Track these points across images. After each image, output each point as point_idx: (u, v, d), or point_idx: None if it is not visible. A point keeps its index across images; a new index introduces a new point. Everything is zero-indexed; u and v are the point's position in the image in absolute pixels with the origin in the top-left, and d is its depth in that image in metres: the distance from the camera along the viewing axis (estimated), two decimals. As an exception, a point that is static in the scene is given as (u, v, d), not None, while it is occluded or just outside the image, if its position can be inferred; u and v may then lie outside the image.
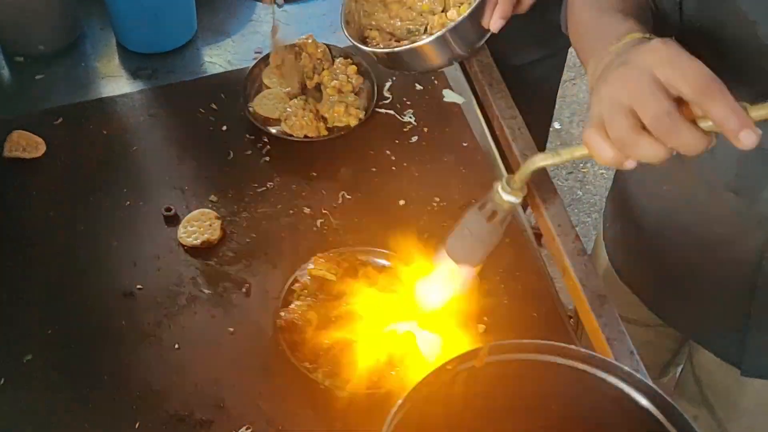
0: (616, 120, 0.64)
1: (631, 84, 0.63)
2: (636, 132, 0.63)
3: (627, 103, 0.63)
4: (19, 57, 1.33)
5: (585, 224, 2.46)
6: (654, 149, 0.63)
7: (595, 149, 0.66)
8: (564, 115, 2.74)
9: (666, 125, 0.61)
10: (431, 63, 1.15)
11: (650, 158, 0.64)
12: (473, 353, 0.74)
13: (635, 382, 0.73)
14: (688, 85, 0.61)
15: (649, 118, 0.62)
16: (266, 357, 0.97)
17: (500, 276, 1.06)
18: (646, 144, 0.63)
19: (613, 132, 0.64)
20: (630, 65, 0.65)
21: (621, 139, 0.64)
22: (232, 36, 1.39)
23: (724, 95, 0.60)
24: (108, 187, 1.15)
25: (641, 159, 0.64)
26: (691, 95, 0.61)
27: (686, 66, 0.62)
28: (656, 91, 0.62)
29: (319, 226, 1.11)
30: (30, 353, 0.97)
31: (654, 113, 0.61)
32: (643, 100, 0.62)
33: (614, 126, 0.64)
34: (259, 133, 1.21)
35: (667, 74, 0.62)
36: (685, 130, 0.61)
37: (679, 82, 0.61)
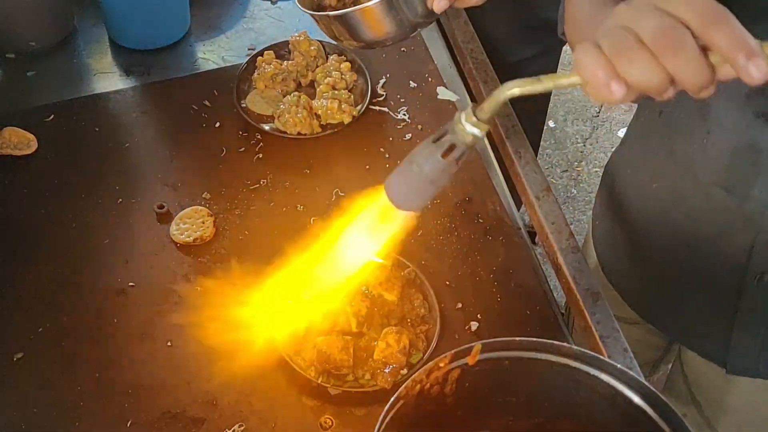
0: (613, 33, 0.56)
1: (633, 10, 0.57)
2: (635, 42, 0.55)
3: (627, 23, 0.56)
4: (10, 53, 1.32)
5: (579, 222, 2.46)
6: (651, 67, 0.55)
7: (585, 59, 0.57)
8: (558, 113, 2.74)
9: (669, 38, 0.54)
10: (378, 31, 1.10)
11: (644, 78, 0.55)
12: (466, 351, 0.74)
13: (628, 379, 0.73)
14: (693, 11, 0.54)
15: (652, 30, 0.55)
16: (259, 355, 0.97)
17: (493, 274, 1.06)
18: (643, 58, 0.55)
19: (608, 42, 0.56)
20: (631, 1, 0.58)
21: (616, 48, 0.56)
22: (226, 32, 1.39)
23: (732, 23, 0.54)
24: (100, 184, 1.14)
25: (633, 78, 0.56)
26: (696, 22, 0.54)
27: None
28: (658, 12, 0.55)
29: (313, 223, 1.11)
30: (21, 351, 0.97)
31: (658, 25, 0.54)
32: (644, 18, 0.55)
33: (610, 38, 0.56)
34: (253, 130, 1.20)
35: (674, 4, 0.55)
36: (690, 49, 0.54)
37: (683, 9, 0.55)
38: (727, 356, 1.07)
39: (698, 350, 1.14)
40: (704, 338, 1.11)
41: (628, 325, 1.22)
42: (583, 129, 2.72)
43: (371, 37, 1.10)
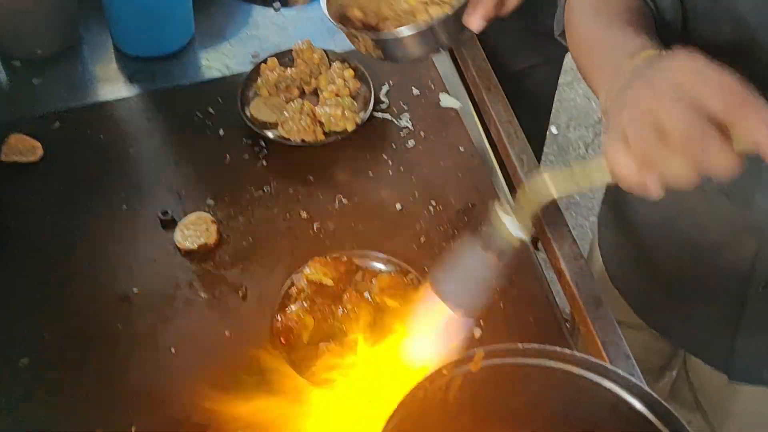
0: (642, 134, 0.57)
1: (656, 96, 0.57)
2: (663, 146, 0.56)
3: (654, 118, 0.57)
4: (16, 61, 1.33)
5: (582, 228, 2.46)
6: (682, 167, 0.56)
7: (618, 166, 0.59)
8: (561, 119, 2.75)
9: (697, 141, 0.55)
10: (410, 53, 1.13)
11: (676, 178, 0.57)
12: (469, 357, 0.74)
13: (630, 386, 0.74)
14: (719, 100, 0.55)
15: (678, 132, 0.55)
16: (263, 361, 0.97)
17: (496, 280, 1.06)
18: (673, 161, 0.56)
19: (638, 145, 0.58)
20: (654, 81, 0.59)
21: (647, 153, 0.57)
22: (230, 40, 1.39)
23: (757, 108, 0.55)
24: (105, 191, 1.15)
25: (667, 178, 0.58)
26: (722, 112, 0.55)
27: (716, 79, 0.56)
28: (685, 105, 0.56)
29: (316, 230, 1.11)
30: (26, 357, 0.97)
31: (683, 126, 0.55)
32: (671, 115, 0.56)
33: (639, 140, 0.58)
34: (256, 138, 1.21)
35: (695, 89, 0.56)
36: (717, 149, 0.55)
37: (708, 98, 0.55)
38: (730, 364, 1.07)
39: (702, 357, 1.14)
40: (708, 345, 1.11)
41: (634, 330, 1.23)
42: (586, 135, 2.72)
43: (403, 56, 1.13)
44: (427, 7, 1.12)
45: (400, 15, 1.14)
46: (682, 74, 0.58)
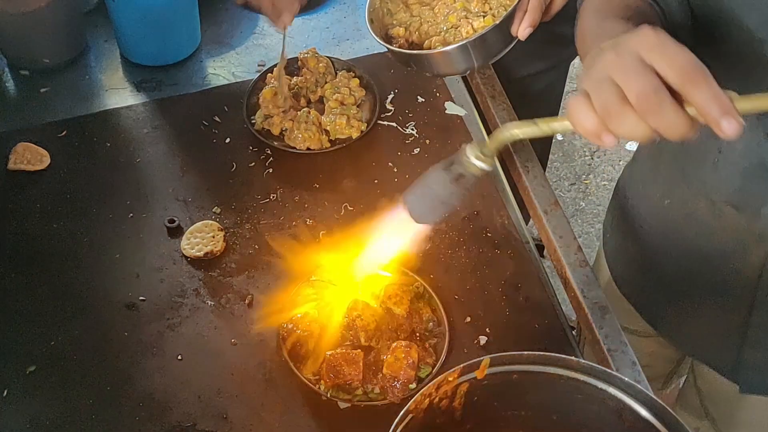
0: (602, 89, 0.62)
1: (618, 62, 0.62)
2: (621, 102, 0.61)
3: (613, 77, 0.62)
4: (24, 70, 1.34)
5: (588, 235, 2.46)
6: (636, 124, 0.61)
7: (578, 116, 0.64)
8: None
9: (651, 101, 0.60)
10: (451, 68, 1.15)
11: (632, 134, 0.62)
12: (475, 365, 0.75)
13: (636, 393, 0.74)
14: (673, 69, 0.60)
15: (635, 93, 0.60)
16: (269, 368, 0.98)
17: (502, 287, 1.06)
18: (630, 117, 0.61)
19: (598, 100, 0.63)
20: (619, 48, 0.64)
21: (606, 107, 0.62)
22: (236, 48, 1.40)
23: (708, 81, 0.59)
24: (111, 199, 1.15)
25: (622, 133, 0.63)
26: (675, 79, 0.60)
27: (673, 51, 0.61)
28: (643, 69, 0.61)
29: (322, 237, 1.11)
30: (33, 364, 0.98)
31: (640, 88, 0.60)
32: (630, 76, 0.61)
33: (600, 95, 0.63)
34: (262, 146, 1.22)
35: (653, 57, 0.61)
36: (669, 110, 0.60)
37: (665, 66, 0.60)
38: (739, 373, 1.07)
39: (711, 365, 1.13)
40: (716, 354, 1.11)
41: (642, 338, 1.22)
42: (591, 142, 2.72)
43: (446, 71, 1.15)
44: (470, 21, 1.13)
45: (442, 31, 1.15)
46: (645, 44, 0.62)
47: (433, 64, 1.14)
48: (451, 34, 1.14)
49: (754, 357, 1.04)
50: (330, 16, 1.47)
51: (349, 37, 1.43)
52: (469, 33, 1.12)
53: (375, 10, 1.17)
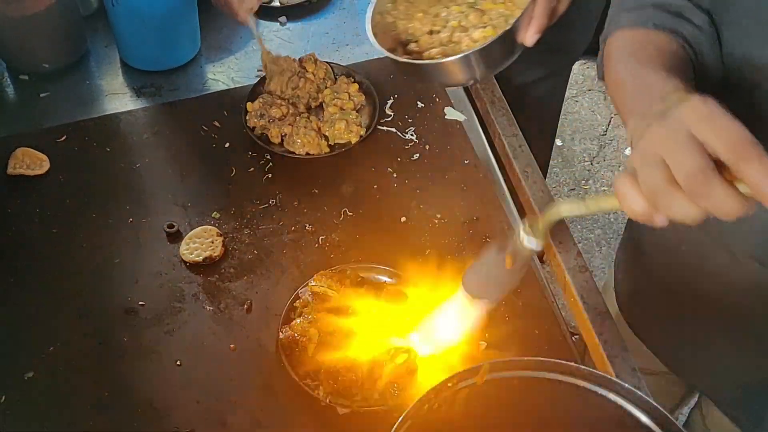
0: (649, 171, 0.61)
1: (667, 138, 0.60)
2: (669, 186, 0.59)
3: (661, 156, 0.60)
4: (24, 75, 1.34)
5: (587, 241, 2.46)
6: (686, 207, 0.59)
7: (626, 199, 0.63)
8: (566, 132, 2.75)
9: (699, 183, 0.57)
10: (453, 79, 1.15)
11: (682, 216, 0.60)
12: (474, 370, 0.74)
13: (636, 399, 0.73)
14: (724, 144, 0.57)
15: (683, 174, 0.58)
16: (268, 374, 0.98)
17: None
18: (678, 200, 0.59)
19: (646, 183, 0.61)
20: (667, 121, 0.62)
21: (653, 191, 0.60)
22: (236, 53, 1.40)
23: (761, 157, 0.56)
24: (111, 204, 1.15)
25: (672, 215, 0.61)
26: (727, 155, 0.57)
27: (724, 125, 0.58)
28: (691, 147, 0.58)
29: (321, 242, 1.11)
30: (31, 370, 0.97)
31: (688, 169, 0.58)
32: (678, 155, 0.59)
33: (647, 177, 0.61)
34: (262, 151, 1.22)
35: (703, 132, 0.59)
36: (719, 191, 0.57)
37: (715, 141, 0.58)
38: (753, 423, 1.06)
39: (725, 410, 1.12)
40: (732, 398, 1.09)
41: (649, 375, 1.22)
42: (591, 147, 2.72)
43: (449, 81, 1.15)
44: (469, 33, 1.13)
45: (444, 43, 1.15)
46: (693, 117, 0.60)
47: (439, 74, 1.13)
48: (450, 48, 1.14)
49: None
50: (329, 21, 1.47)
51: (349, 43, 1.43)
52: (469, 45, 1.12)
53: (377, 23, 1.17)
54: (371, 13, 1.16)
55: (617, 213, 2.52)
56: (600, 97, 2.87)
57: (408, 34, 1.18)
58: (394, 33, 1.18)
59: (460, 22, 1.14)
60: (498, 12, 1.14)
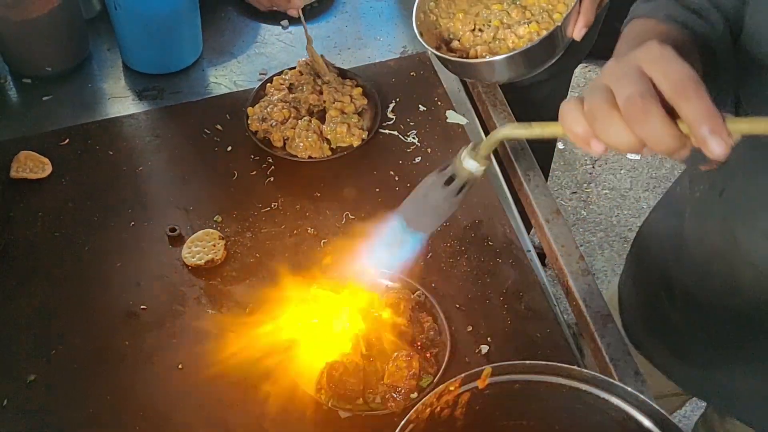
0: (594, 94, 0.61)
1: (616, 69, 0.61)
2: (609, 108, 0.60)
3: (607, 83, 0.61)
4: (26, 78, 1.34)
5: (590, 244, 2.46)
6: (622, 132, 0.59)
7: (567, 118, 0.63)
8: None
9: (638, 108, 0.58)
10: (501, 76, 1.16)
11: (618, 142, 0.60)
12: (476, 374, 0.74)
13: (639, 403, 0.73)
14: (668, 81, 0.58)
15: (623, 97, 0.59)
16: (269, 377, 0.97)
17: (503, 296, 1.06)
18: (615, 124, 0.59)
19: (588, 105, 0.62)
20: (625, 58, 0.62)
21: (593, 111, 0.61)
22: (238, 57, 1.40)
23: (701, 96, 0.57)
24: (113, 207, 1.15)
25: (608, 140, 0.61)
26: (670, 92, 0.58)
27: (673, 65, 0.59)
28: (637, 77, 0.59)
29: (323, 246, 1.11)
30: (33, 374, 0.97)
31: (628, 93, 0.59)
32: (622, 81, 0.60)
33: (590, 100, 0.61)
34: (264, 154, 1.22)
35: (652, 69, 0.59)
36: (656, 119, 0.57)
37: (662, 78, 0.59)
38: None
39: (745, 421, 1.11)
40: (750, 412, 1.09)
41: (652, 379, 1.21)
42: (593, 151, 2.72)
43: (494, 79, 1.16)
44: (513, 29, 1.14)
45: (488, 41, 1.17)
46: (645, 56, 0.61)
47: (488, 71, 1.15)
48: (495, 45, 1.15)
49: None
50: (331, 25, 1.47)
51: (351, 46, 1.43)
52: (515, 42, 1.13)
53: (421, 23, 1.18)
54: (416, 12, 1.17)
55: (619, 216, 2.52)
56: (602, 100, 2.86)
57: (450, 32, 1.19)
58: (437, 31, 1.19)
59: (503, 20, 1.15)
60: (540, 7, 1.15)
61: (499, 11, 1.16)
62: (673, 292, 1.09)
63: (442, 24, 1.20)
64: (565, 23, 1.09)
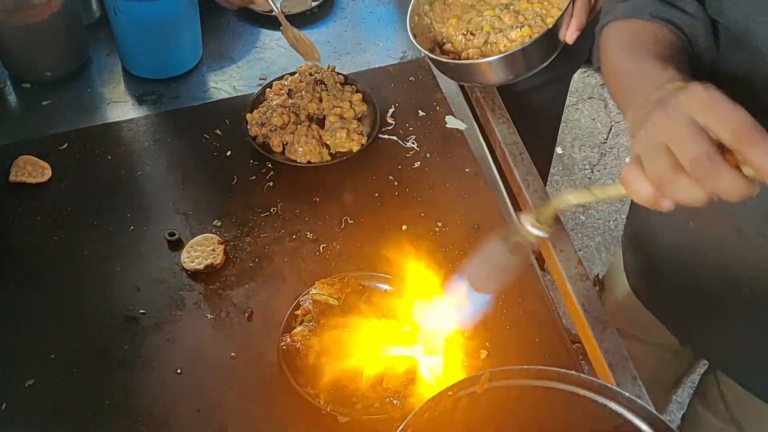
0: (655, 157, 0.62)
1: (669, 125, 0.61)
2: (674, 171, 0.60)
3: (665, 142, 0.61)
4: (26, 83, 1.34)
5: (588, 249, 2.46)
6: (692, 191, 0.60)
7: (632, 185, 0.64)
8: (566, 140, 2.75)
9: (705, 168, 0.59)
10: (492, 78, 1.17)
11: (688, 200, 0.61)
12: (475, 379, 0.74)
13: (637, 408, 0.73)
14: (728, 129, 0.58)
15: (688, 160, 0.59)
16: (268, 382, 0.97)
17: (502, 301, 1.06)
18: (684, 185, 0.60)
19: (651, 169, 0.62)
20: (669, 108, 0.63)
21: (659, 176, 0.62)
22: (237, 62, 1.41)
23: (765, 140, 0.57)
24: (112, 212, 1.15)
25: (678, 199, 0.62)
26: (731, 140, 0.58)
27: (726, 111, 0.59)
28: (695, 133, 0.60)
29: (322, 251, 1.11)
30: (32, 378, 0.97)
31: (693, 155, 0.59)
32: (682, 141, 0.60)
33: (652, 163, 0.62)
34: (263, 159, 1.22)
35: (706, 118, 0.60)
36: (725, 175, 0.58)
37: (719, 127, 0.59)
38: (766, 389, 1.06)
39: (741, 382, 1.12)
40: (747, 370, 1.09)
41: (659, 348, 1.22)
42: (591, 155, 2.72)
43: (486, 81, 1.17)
44: (505, 33, 1.15)
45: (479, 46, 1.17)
46: (695, 104, 0.61)
47: (479, 73, 1.16)
48: (487, 48, 1.16)
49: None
50: (330, 30, 1.48)
51: (350, 51, 1.43)
52: (507, 45, 1.14)
53: (415, 25, 1.19)
54: (411, 14, 1.18)
55: (617, 221, 2.52)
56: (600, 105, 2.87)
57: (443, 36, 1.20)
58: (432, 34, 1.20)
59: (494, 25, 1.16)
60: (533, 11, 1.16)
61: (491, 17, 1.17)
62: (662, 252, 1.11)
63: (435, 28, 1.21)
64: (557, 27, 1.09)
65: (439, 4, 1.22)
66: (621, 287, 1.24)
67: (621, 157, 2.71)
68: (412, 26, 1.19)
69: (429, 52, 1.16)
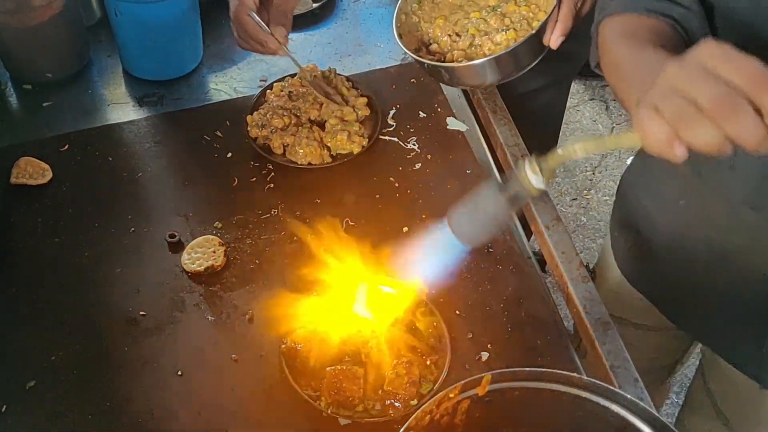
0: (672, 100, 0.60)
1: (685, 73, 0.60)
2: (695, 109, 0.58)
3: (681, 87, 0.59)
4: (27, 85, 1.34)
5: (590, 250, 2.46)
6: (711, 132, 0.58)
7: (648, 126, 0.61)
8: (567, 141, 2.75)
9: (726, 106, 0.57)
10: (476, 81, 1.17)
11: (704, 142, 0.59)
12: (476, 381, 0.74)
13: (639, 410, 0.73)
14: (744, 77, 0.57)
15: (708, 98, 0.57)
16: (269, 384, 0.97)
17: (503, 303, 1.06)
18: (703, 124, 0.58)
19: (669, 109, 0.60)
20: (682, 61, 0.61)
21: (678, 115, 0.59)
22: (238, 63, 1.41)
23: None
24: (113, 214, 1.15)
25: (695, 141, 0.59)
26: (745, 86, 0.57)
27: (740, 59, 0.58)
28: (714, 82, 0.58)
29: (323, 251, 1.11)
30: (33, 380, 0.97)
31: (713, 93, 0.57)
32: (699, 84, 0.58)
33: (671, 103, 0.60)
34: (264, 160, 1.22)
35: (720, 67, 0.58)
36: (746, 114, 0.56)
37: (734, 74, 0.57)
38: (760, 369, 1.06)
39: (732, 361, 1.12)
40: (738, 349, 1.10)
41: (651, 331, 1.22)
42: (592, 157, 2.72)
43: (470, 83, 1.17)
44: (491, 36, 1.15)
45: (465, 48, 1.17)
46: (709, 56, 0.60)
47: (463, 76, 1.16)
48: (472, 51, 1.16)
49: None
50: (332, 31, 1.47)
51: (351, 53, 1.43)
52: (491, 49, 1.13)
53: (402, 24, 1.19)
54: (397, 13, 1.17)
55: (619, 222, 2.52)
56: (602, 106, 2.87)
57: (429, 36, 1.19)
58: (418, 33, 1.20)
59: (479, 27, 1.16)
60: (520, 15, 1.16)
61: (477, 19, 1.17)
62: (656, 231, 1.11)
63: (423, 27, 1.21)
64: (541, 32, 1.09)
65: (428, 3, 1.22)
66: (612, 273, 1.24)
67: (622, 158, 2.71)
68: (398, 26, 1.18)
69: (415, 51, 1.16)
